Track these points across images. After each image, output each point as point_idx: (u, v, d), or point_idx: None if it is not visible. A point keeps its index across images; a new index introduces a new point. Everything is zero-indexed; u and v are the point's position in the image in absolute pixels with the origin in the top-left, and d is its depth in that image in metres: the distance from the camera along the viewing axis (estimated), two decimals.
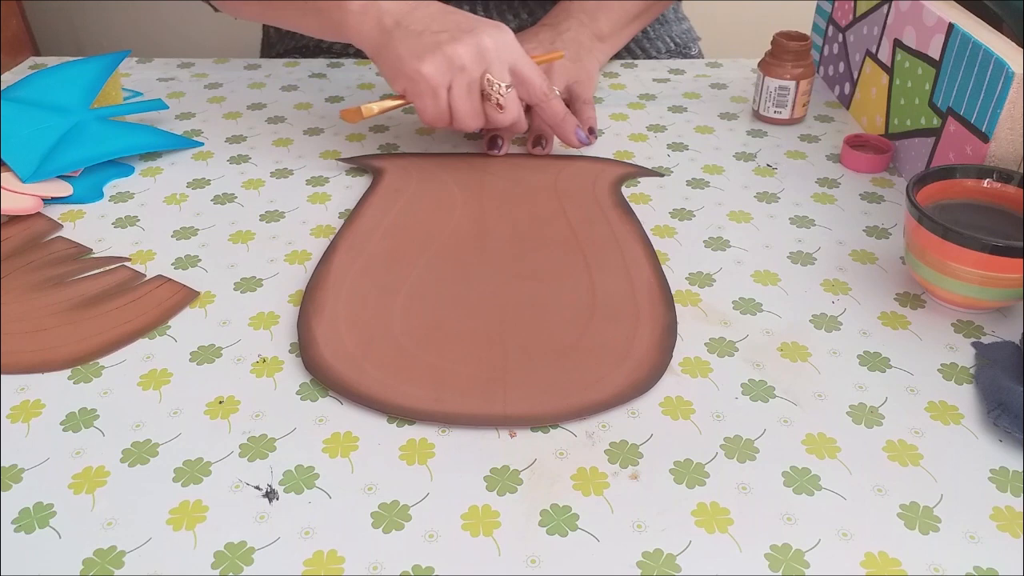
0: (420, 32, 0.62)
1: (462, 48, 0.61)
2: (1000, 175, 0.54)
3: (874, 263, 0.57)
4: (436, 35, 0.61)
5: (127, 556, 0.38)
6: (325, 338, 0.50)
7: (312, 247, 0.59)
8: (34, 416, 0.46)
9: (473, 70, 0.61)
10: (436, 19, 0.63)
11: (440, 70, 0.61)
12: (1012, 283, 0.49)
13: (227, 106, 0.80)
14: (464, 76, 0.61)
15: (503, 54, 0.62)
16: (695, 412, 0.46)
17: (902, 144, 0.68)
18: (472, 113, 0.63)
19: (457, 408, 0.45)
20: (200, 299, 0.54)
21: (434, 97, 0.62)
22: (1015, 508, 0.40)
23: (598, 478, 0.42)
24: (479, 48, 0.61)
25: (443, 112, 0.63)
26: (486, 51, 0.61)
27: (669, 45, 0.96)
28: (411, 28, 0.62)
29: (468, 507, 0.40)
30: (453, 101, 0.62)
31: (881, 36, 0.71)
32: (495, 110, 0.63)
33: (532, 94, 0.65)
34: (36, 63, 0.87)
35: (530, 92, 0.65)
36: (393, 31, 0.63)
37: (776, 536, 0.39)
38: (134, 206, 0.65)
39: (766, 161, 0.70)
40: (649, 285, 0.54)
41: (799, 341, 0.50)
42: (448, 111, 0.63)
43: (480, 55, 0.61)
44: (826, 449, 0.43)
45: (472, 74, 0.62)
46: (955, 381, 0.47)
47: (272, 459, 0.43)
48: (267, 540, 0.39)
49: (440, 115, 0.63)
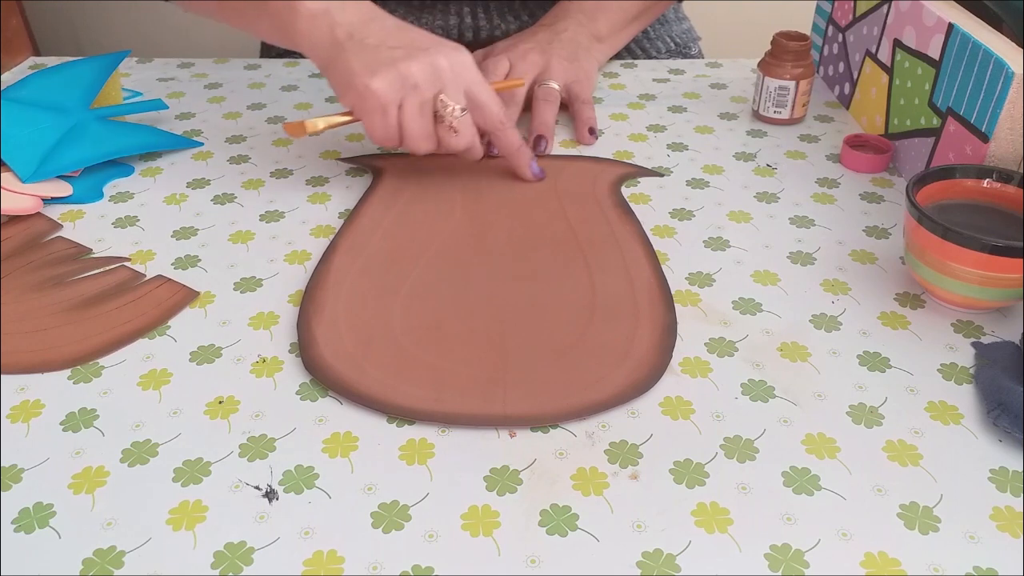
0: (374, 46, 0.59)
1: (416, 66, 0.58)
2: (1000, 175, 0.54)
3: (874, 263, 0.57)
4: (391, 51, 0.59)
5: (127, 556, 0.38)
6: (325, 338, 0.50)
7: (312, 247, 0.59)
8: (34, 416, 0.46)
9: (426, 89, 0.58)
10: (392, 34, 0.60)
11: (392, 87, 0.58)
12: (1012, 283, 0.49)
13: (227, 106, 0.80)
14: (416, 95, 0.58)
15: (459, 76, 0.59)
16: (695, 412, 0.46)
17: (902, 144, 0.68)
18: (423, 134, 0.60)
19: (457, 408, 0.45)
20: (200, 299, 0.54)
21: (383, 115, 0.59)
22: (1015, 508, 0.40)
23: (598, 478, 0.42)
24: (434, 67, 0.58)
25: (392, 131, 0.60)
26: (441, 71, 0.59)
27: (669, 45, 0.96)
28: (365, 41, 0.59)
29: (468, 507, 0.40)
30: (404, 120, 0.59)
31: (881, 36, 0.71)
32: (448, 133, 0.60)
33: (487, 120, 0.62)
34: (36, 63, 0.87)
35: (485, 118, 0.62)
36: (345, 43, 0.59)
37: (776, 536, 0.39)
38: (134, 206, 0.65)
39: (766, 161, 0.70)
40: (649, 285, 0.54)
41: (799, 341, 0.50)
42: (398, 130, 0.60)
43: (435, 75, 0.58)
44: (826, 449, 0.43)
45: (425, 94, 0.59)
46: (955, 381, 0.47)
47: (272, 459, 0.43)
48: (267, 540, 0.39)
49: (389, 134, 0.60)
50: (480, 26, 0.90)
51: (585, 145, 0.73)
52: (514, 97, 0.73)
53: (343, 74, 0.59)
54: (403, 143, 0.61)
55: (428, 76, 0.58)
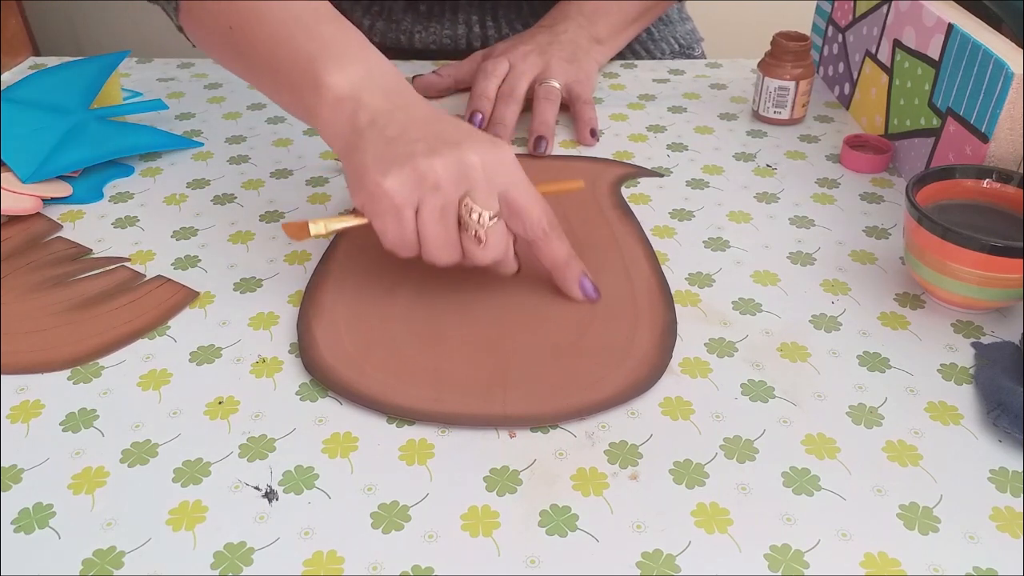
0: (393, 138, 0.50)
1: (439, 163, 0.48)
2: (1000, 175, 0.54)
3: (874, 263, 0.57)
4: (412, 144, 0.49)
5: (127, 556, 0.38)
6: (325, 339, 0.50)
7: (312, 247, 0.59)
8: (34, 416, 0.46)
9: (450, 192, 0.49)
10: (418, 125, 0.51)
11: (407, 187, 0.48)
12: (1012, 283, 0.49)
13: (227, 106, 0.80)
14: (437, 197, 0.49)
15: (494, 176, 0.49)
16: (695, 412, 0.46)
17: (902, 144, 0.68)
18: (443, 243, 0.50)
19: (457, 408, 0.45)
20: (200, 299, 0.54)
21: (397, 218, 0.49)
22: (1015, 508, 0.40)
23: (598, 478, 0.42)
24: (461, 165, 0.49)
25: (407, 237, 0.50)
26: (470, 170, 0.49)
27: (673, 46, 0.96)
28: (385, 131, 0.50)
29: (468, 507, 0.40)
30: (422, 226, 0.49)
31: (881, 36, 0.71)
32: (473, 243, 0.50)
33: (527, 229, 0.51)
34: (36, 63, 0.87)
35: (525, 226, 0.51)
36: (365, 132, 0.51)
37: (776, 536, 0.39)
38: (134, 206, 0.65)
39: (766, 161, 0.70)
40: (648, 285, 0.54)
41: (799, 341, 0.50)
42: (415, 238, 0.50)
43: (461, 174, 0.49)
44: (826, 449, 0.43)
45: (448, 196, 0.49)
46: (955, 381, 0.47)
47: (272, 459, 0.43)
48: (267, 540, 0.39)
49: (404, 241, 0.50)
50: (488, 35, 0.90)
51: (586, 146, 0.73)
52: (513, 94, 0.73)
53: (356, 169, 0.50)
54: (422, 253, 0.51)
55: (453, 175, 0.49)
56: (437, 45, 0.90)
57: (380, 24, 0.91)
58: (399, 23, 0.90)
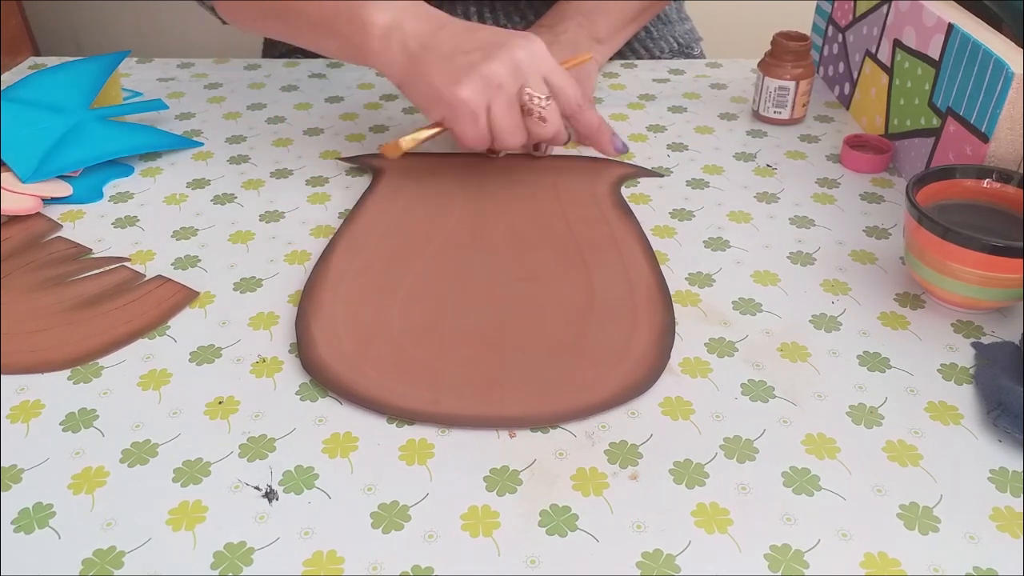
0: (450, 55, 0.59)
1: (497, 65, 0.58)
2: (1000, 175, 0.54)
3: (874, 263, 0.57)
4: (468, 55, 0.58)
5: (127, 556, 0.38)
6: (323, 338, 0.50)
7: (312, 247, 0.59)
8: (34, 416, 0.46)
9: (511, 86, 0.58)
10: (464, 38, 0.59)
11: (479, 92, 0.58)
12: (1012, 283, 0.49)
13: (227, 106, 0.80)
14: (503, 94, 0.58)
15: (537, 65, 0.59)
16: (695, 412, 0.46)
17: (902, 144, 0.68)
18: (514, 130, 0.60)
19: (454, 409, 0.45)
20: (200, 299, 0.54)
21: (474, 120, 0.59)
22: (1015, 508, 0.40)
23: (598, 478, 0.42)
24: (514, 63, 0.58)
25: (484, 134, 0.60)
26: (521, 65, 0.58)
27: (672, 45, 0.96)
28: (440, 51, 0.59)
29: (468, 507, 0.40)
30: (494, 121, 0.59)
31: (881, 36, 0.71)
32: (537, 124, 0.60)
33: (566, 104, 0.61)
34: (36, 63, 0.87)
35: (564, 102, 0.61)
36: (421, 56, 0.59)
37: (776, 536, 0.39)
38: (134, 206, 0.65)
39: (766, 161, 0.70)
40: (648, 285, 0.54)
41: (799, 341, 0.50)
42: (488, 132, 0.60)
43: (516, 70, 0.58)
44: (826, 449, 0.43)
45: (510, 91, 0.58)
46: (955, 381, 0.47)
47: (272, 459, 0.43)
48: (267, 540, 0.39)
49: (481, 137, 0.60)
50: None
51: (586, 146, 0.73)
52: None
53: (427, 88, 0.59)
54: (495, 142, 0.61)
55: (510, 72, 0.58)
56: None
57: None
58: None
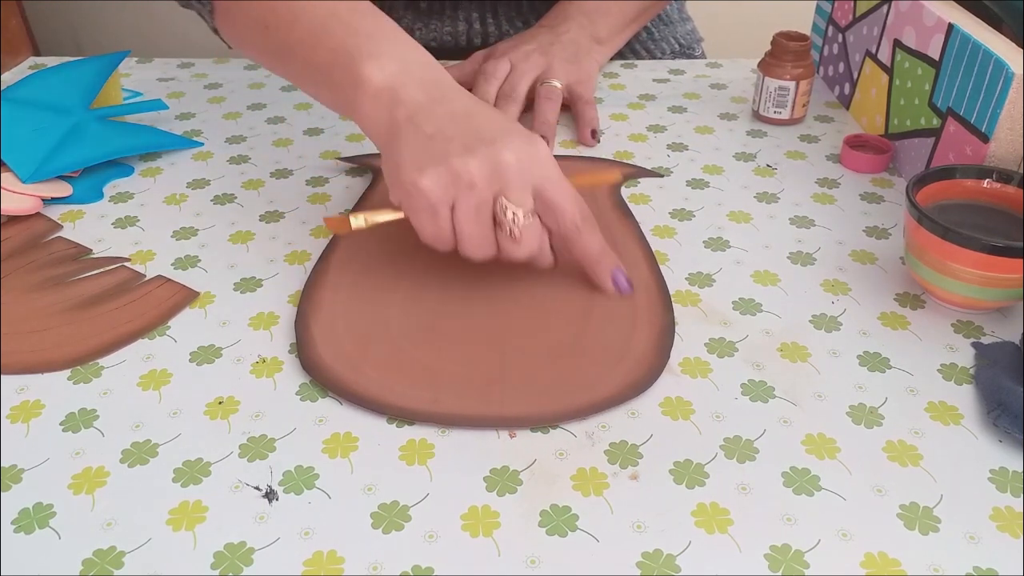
0: (430, 135, 0.50)
1: (474, 163, 0.49)
2: (1000, 175, 0.54)
3: (874, 263, 0.57)
4: (448, 142, 0.50)
5: (127, 556, 0.38)
6: (323, 338, 0.50)
7: (312, 247, 0.59)
8: (34, 416, 0.46)
9: (484, 191, 0.49)
10: (455, 121, 0.51)
11: (442, 186, 0.49)
12: (1012, 283, 0.49)
13: (227, 106, 0.80)
14: (473, 196, 0.49)
15: (526, 173, 0.50)
16: (695, 412, 0.46)
17: (902, 144, 0.68)
18: (480, 241, 0.51)
19: (454, 409, 0.45)
20: (200, 299, 0.54)
21: (432, 216, 0.50)
22: (1015, 508, 0.40)
23: (598, 478, 0.42)
24: (495, 164, 0.49)
25: (444, 234, 0.51)
26: (504, 168, 0.49)
27: (673, 46, 0.96)
28: (423, 129, 0.51)
29: (468, 507, 0.40)
30: (457, 224, 0.50)
31: (881, 36, 0.71)
32: (507, 240, 0.50)
33: (560, 224, 0.51)
34: (36, 63, 0.87)
35: (558, 222, 0.51)
36: (402, 128, 0.51)
37: (776, 536, 0.39)
38: (134, 206, 0.65)
39: (766, 161, 0.70)
40: (647, 286, 0.54)
41: (799, 341, 0.50)
42: (451, 233, 0.51)
43: (496, 173, 0.49)
44: (826, 449, 0.43)
45: (482, 195, 0.49)
46: (955, 381, 0.47)
47: (272, 459, 0.43)
48: (267, 540, 0.39)
49: (441, 237, 0.51)
50: (488, 32, 0.90)
51: (586, 146, 0.73)
52: (514, 94, 0.73)
53: (393, 166, 0.52)
54: (458, 247, 0.52)
55: (487, 174, 0.49)
56: (438, 42, 0.90)
57: None
58: (399, 20, 0.90)
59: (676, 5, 0.99)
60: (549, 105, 0.73)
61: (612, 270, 0.53)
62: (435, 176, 0.49)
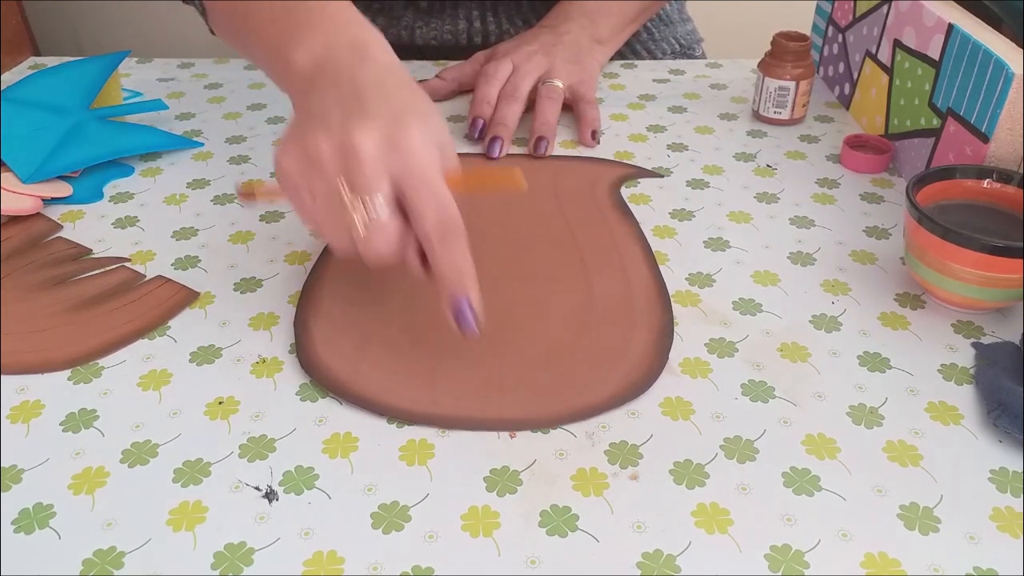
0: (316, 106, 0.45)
1: (325, 140, 0.43)
2: (1000, 175, 0.54)
3: (874, 263, 0.57)
4: (325, 115, 0.44)
5: (127, 557, 0.38)
6: (322, 339, 0.50)
7: (312, 247, 0.59)
8: (34, 416, 0.46)
9: (330, 172, 0.43)
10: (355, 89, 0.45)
11: (296, 163, 0.44)
12: (1012, 283, 0.49)
13: (227, 106, 0.80)
14: (317, 176, 0.43)
15: (385, 161, 0.42)
16: (695, 412, 0.46)
17: (902, 144, 0.68)
18: (333, 230, 0.44)
19: (453, 411, 0.45)
20: (200, 299, 0.54)
21: (295, 194, 0.45)
22: (1015, 509, 0.40)
23: (598, 479, 0.42)
24: (346, 144, 0.42)
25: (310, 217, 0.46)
26: (355, 151, 0.42)
27: (674, 46, 0.96)
28: (315, 95, 0.46)
29: (468, 508, 0.40)
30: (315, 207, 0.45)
31: (881, 36, 0.71)
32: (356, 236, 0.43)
33: (416, 229, 0.43)
34: (36, 63, 0.87)
35: (417, 224, 0.43)
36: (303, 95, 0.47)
37: (776, 537, 0.39)
38: (134, 206, 0.65)
39: (766, 161, 0.70)
40: (646, 287, 0.54)
41: (799, 341, 0.50)
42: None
43: (344, 154, 0.42)
44: (826, 450, 0.43)
45: (329, 177, 0.43)
46: (955, 381, 0.47)
47: (272, 460, 0.43)
48: (267, 540, 0.39)
49: (310, 220, 0.46)
50: (489, 31, 0.90)
51: (586, 147, 0.73)
52: (516, 94, 0.73)
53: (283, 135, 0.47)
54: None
55: (333, 155, 0.43)
56: (438, 41, 0.90)
57: (380, 20, 0.91)
58: (400, 19, 0.90)
59: (676, 5, 0.99)
60: (550, 105, 0.73)
61: (458, 297, 0.44)
62: (291, 152, 0.44)
